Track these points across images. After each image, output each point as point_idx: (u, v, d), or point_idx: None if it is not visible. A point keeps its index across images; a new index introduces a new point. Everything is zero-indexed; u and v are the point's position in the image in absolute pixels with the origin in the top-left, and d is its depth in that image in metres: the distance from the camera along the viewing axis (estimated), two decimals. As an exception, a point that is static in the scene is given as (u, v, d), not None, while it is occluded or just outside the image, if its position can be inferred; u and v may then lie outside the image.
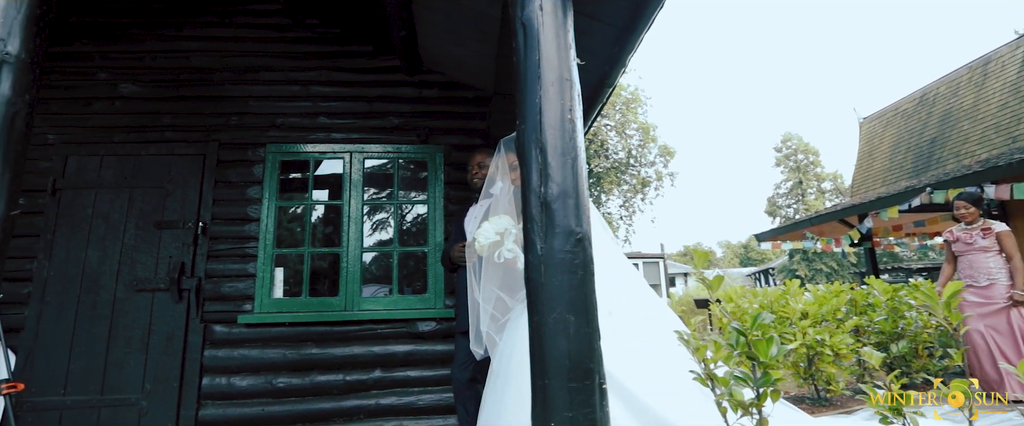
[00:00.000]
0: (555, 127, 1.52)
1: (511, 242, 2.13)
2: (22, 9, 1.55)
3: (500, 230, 2.11)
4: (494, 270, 2.17)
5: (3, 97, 1.47)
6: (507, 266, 2.16)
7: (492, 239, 2.09)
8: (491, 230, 2.10)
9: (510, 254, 2.10)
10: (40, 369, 3.10)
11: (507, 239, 2.12)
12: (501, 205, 2.23)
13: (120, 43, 3.69)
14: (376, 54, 3.83)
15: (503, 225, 2.12)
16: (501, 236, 2.11)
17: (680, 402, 1.78)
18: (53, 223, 3.33)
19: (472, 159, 2.90)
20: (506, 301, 2.17)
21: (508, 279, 2.19)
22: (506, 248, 2.11)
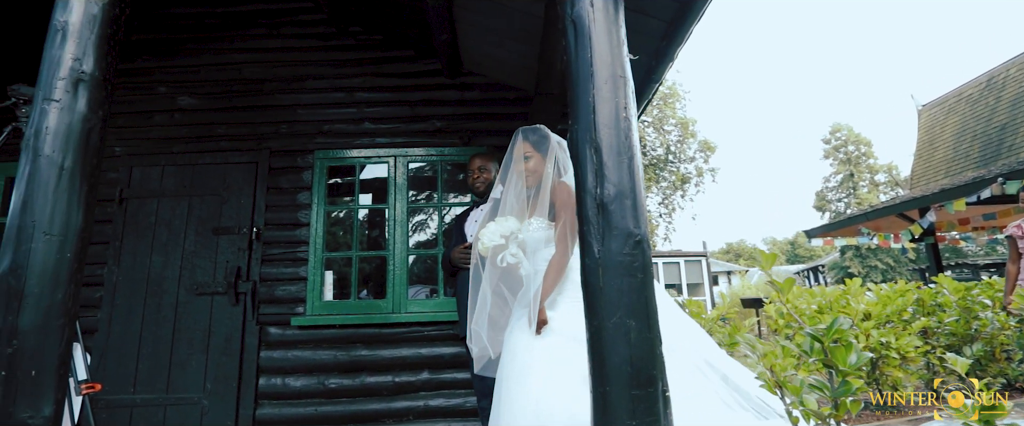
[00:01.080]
0: (610, 126, 1.48)
1: (515, 246, 2.02)
2: (95, 30, 1.63)
3: (506, 233, 2.01)
4: (495, 273, 2.07)
5: (80, 114, 1.54)
6: (508, 271, 2.06)
7: (496, 242, 1.99)
8: (496, 232, 2.00)
9: (513, 259, 2.01)
10: (112, 368, 3.28)
11: (511, 243, 2.02)
12: (507, 205, 2.12)
13: (178, 58, 3.87)
14: (417, 58, 3.87)
15: (509, 228, 2.02)
16: (506, 239, 2.01)
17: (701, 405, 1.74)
18: (121, 231, 3.52)
19: (472, 163, 2.83)
20: (508, 300, 2.09)
21: (508, 283, 2.09)
22: (509, 252, 2.01)
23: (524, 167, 2.12)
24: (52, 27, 1.59)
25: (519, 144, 2.16)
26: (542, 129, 2.21)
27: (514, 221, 2.04)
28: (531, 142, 2.16)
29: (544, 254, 2.02)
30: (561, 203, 2.03)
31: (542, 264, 2.02)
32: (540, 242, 2.02)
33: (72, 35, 1.59)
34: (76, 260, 1.51)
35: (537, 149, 2.14)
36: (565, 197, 2.04)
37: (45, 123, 1.51)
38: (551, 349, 1.82)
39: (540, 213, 2.04)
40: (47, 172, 1.48)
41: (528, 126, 2.22)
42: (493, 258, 2.01)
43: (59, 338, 1.44)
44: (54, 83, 1.54)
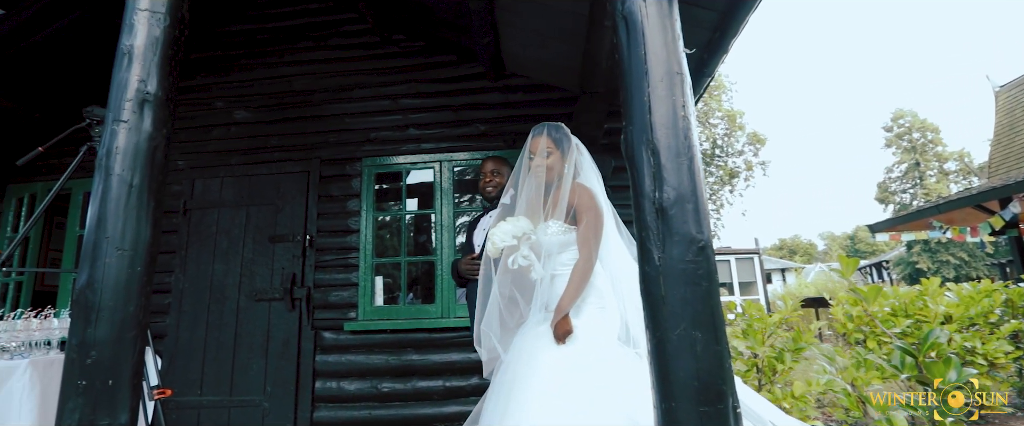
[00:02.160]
0: (667, 126, 1.40)
1: (527, 248, 1.91)
2: (157, 52, 1.69)
3: (518, 234, 1.91)
4: (506, 275, 1.98)
5: (146, 132, 1.61)
6: (520, 273, 1.97)
7: (508, 242, 1.89)
8: (508, 232, 1.90)
9: (524, 262, 1.91)
10: (180, 371, 3.46)
11: (524, 245, 1.91)
12: (521, 206, 2.02)
13: (232, 73, 4.04)
14: (460, 62, 3.87)
15: (521, 228, 1.92)
16: (518, 240, 1.91)
17: None
18: (185, 240, 3.70)
19: (484, 165, 2.69)
20: (520, 303, 2.00)
21: (520, 286, 2.00)
22: (521, 254, 1.90)
23: (544, 162, 2.01)
24: (119, 51, 1.67)
25: (542, 139, 2.04)
26: (564, 127, 2.12)
27: (526, 222, 1.95)
28: (553, 138, 2.05)
29: (562, 258, 1.94)
30: (583, 206, 1.93)
31: (559, 269, 1.94)
32: (558, 246, 1.93)
33: (137, 58, 1.66)
34: (146, 273, 1.57)
35: (558, 146, 2.04)
36: (586, 199, 1.95)
37: (115, 143, 1.58)
38: (571, 357, 1.74)
39: (558, 216, 1.94)
40: (118, 190, 1.55)
41: (549, 123, 2.10)
42: (504, 260, 1.92)
43: (132, 349, 1.50)
44: (122, 104, 1.61)
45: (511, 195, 2.07)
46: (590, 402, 1.62)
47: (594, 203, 1.95)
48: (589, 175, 2.09)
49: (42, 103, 3.89)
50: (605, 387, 1.64)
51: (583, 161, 2.11)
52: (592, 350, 1.75)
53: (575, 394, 1.64)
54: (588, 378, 1.67)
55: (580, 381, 1.67)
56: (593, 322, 1.82)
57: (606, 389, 1.64)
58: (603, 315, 1.85)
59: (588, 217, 1.91)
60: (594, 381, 1.66)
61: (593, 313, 1.84)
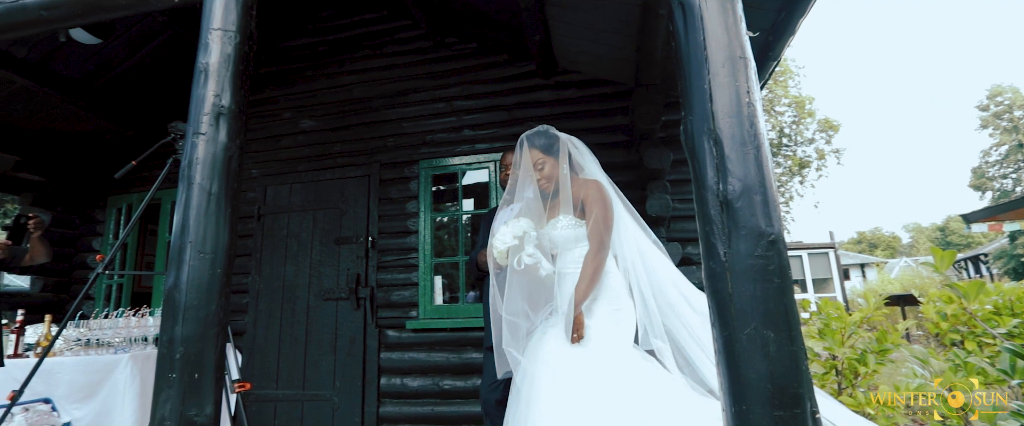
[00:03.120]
0: (730, 114, 1.33)
1: (531, 246, 1.89)
2: (230, 68, 1.81)
3: (519, 234, 1.89)
4: (516, 279, 1.94)
5: (222, 143, 1.72)
6: (529, 274, 1.92)
7: (510, 244, 1.88)
8: (509, 234, 1.88)
9: (530, 260, 1.87)
10: (257, 366, 3.69)
11: (527, 243, 1.89)
12: (531, 208, 1.99)
13: (297, 85, 4.27)
14: (512, 62, 3.88)
15: (522, 228, 1.90)
16: (520, 240, 1.89)
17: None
18: (260, 244, 3.95)
19: (505, 159, 2.68)
20: (529, 314, 1.93)
21: (532, 289, 1.95)
22: (526, 253, 1.87)
23: (539, 176, 2.00)
24: (197, 69, 1.79)
25: (526, 153, 2.01)
26: (548, 131, 2.06)
27: (526, 221, 1.92)
28: (540, 147, 2.01)
29: (575, 254, 1.90)
30: (590, 198, 1.90)
31: (570, 267, 1.90)
32: (570, 241, 1.91)
33: (212, 74, 1.78)
34: (225, 275, 1.68)
35: (548, 153, 2.01)
36: (593, 192, 1.91)
37: (195, 154, 1.71)
38: (583, 363, 1.67)
39: (564, 212, 1.93)
40: (199, 198, 1.67)
41: (532, 131, 2.05)
42: (512, 262, 1.90)
43: (214, 345, 1.61)
44: (200, 118, 1.74)
45: (531, 189, 2.02)
46: (602, 410, 1.55)
47: (602, 195, 1.91)
48: (592, 169, 2.05)
49: (134, 122, 4.28)
50: (618, 394, 1.57)
51: (580, 155, 2.06)
52: (604, 357, 1.68)
53: (587, 402, 1.57)
54: (601, 385, 1.61)
55: (592, 388, 1.60)
56: (606, 324, 1.76)
57: (619, 396, 1.57)
58: (618, 317, 1.79)
59: (597, 209, 1.88)
60: (607, 388, 1.59)
61: (606, 314, 1.78)
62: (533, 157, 1.99)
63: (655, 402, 1.54)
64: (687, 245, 3.29)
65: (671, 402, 1.56)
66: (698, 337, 1.77)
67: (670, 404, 1.55)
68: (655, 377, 1.63)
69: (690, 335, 1.78)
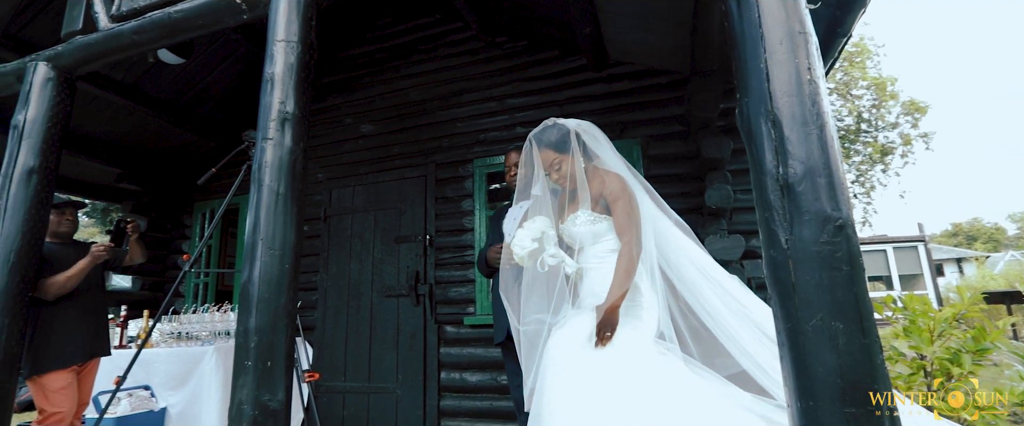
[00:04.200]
0: (789, 93, 1.25)
1: (552, 246, 1.79)
2: (293, 76, 1.93)
3: (537, 235, 1.79)
4: (539, 282, 1.82)
5: (287, 147, 1.84)
6: (552, 275, 1.81)
7: (530, 247, 1.78)
8: (527, 237, 1.78)
9: (553, 260, 1.77)
10: (326, 359, 3.90)
11: (547, 243, 1.79)
12: (541, 205, 1.89)
13: (357, 92, 4.47)
14: (562, 57, 3.86)
15: (540, 228, 1.80)
16: (539, 241, 1.79)
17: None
18: (327, 243, 4.17)
19: (508, 159, 2.57)
20: (548, 320, 1.81)
21: (555, 290, 1.82)
22: (548, 254, 1.77)
23: (556, 176, 1.89)
24: (264, 79, 1.92)
25: (537, 154, 1.89)
26: (556, 124, 1.93)
27: (543, 219, 1.83)
28: (551, 146, 1.88)
29: (595, 250, 1.80)
30: (613, 193, 1.78)
31: (594, 260, 1.80)
32: (590, 236, 1.80)
33: (277, 83, 1.90)
34: (293, 270, 1.79)
35: (561, 151, 1.88)
36: (614, 185, 1.78)
37: (264, 158, 1.83)
38: (604, 361, 1.58)
39: (583, 207, 1.81)
40: (268, 198, 1.79)
41: (539, 128, 1.94)
42: (533, 266, 1.80)
43: (285, 335, 1.72)
44: (268, 124, 1.86)
45: (539, 185, 1.92)
46: (621, 411, 1.47)
47: (623, 187, 1.79)
48: (608, 155, 1.91)
49: (215, 133, 4.64)
50: (638, 398, 1.48)
51: (594, 141, 1.92)
52: (623, 358, 1.58)
53: (605, 401, 1.50)
54: (620, 387, 1.52)
55: (611, 391, 1.52)
56: (630, 326, 1.66)
57: (640, 401, 1.48)
58: (638, 313, 1.70)
59: (621, 204, 1.76)
60: (627, 391, 1.51)
61: (626, 310, 1.68)
62: (546, 158, 1.89)
63: (676, 406, 1.46)
64: (751, 238, 3.13)
65: (694, 406, 1.47)
66: (723, 325, 1.68)
67: (693, 408, 1.47)
68: (677, 376, 1.54)
69: (716, 323, 1.69)
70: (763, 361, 1.60)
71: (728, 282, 1.75)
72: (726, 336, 1.67)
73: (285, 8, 1.98)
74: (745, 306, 1.70)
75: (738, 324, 1.67)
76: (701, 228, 3.06)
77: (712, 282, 1.75)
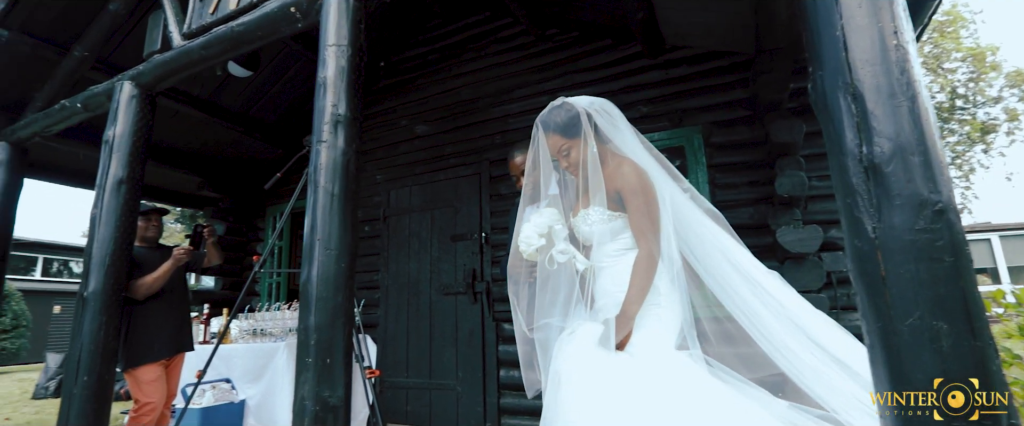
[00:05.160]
0: (872, 61, 1.11)
1: (561, 241, 1.63)
2: (344, 79, 1.97)
3: (544, 230, 1.62)
4: (551, 282, 1.64)
5: (340, 148, 1.88)
6: (564, 274, 1.63)
7: (537, 244, 1.62)
8: (534, 232, 1.62)
9: (563, 257, 1.60)
10: (389, 356, 4.00)
11: (556, 239, 1.63)
12: (556, 203, 1.71)
13: (411, 94, 4.55)
14: (615, 46, 3.73)
15: (546, 223, 1.63)
16: (546, 237, 1.63)
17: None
18: (386, 243, 4.28)
19: (512, 162, 2.34)
20: (560, 325, 1.64)
21: (566, 291, 1.64)
22: (557, 250, 1.61)
23: (565, 163, 1.70)
24: (317, 83, 1.97)
25: (544, 139, 1.69)
26: (565, 104, 1.72)
27: (551, 212, 1.65)
28: (558, 130, 1.68)
29: (608, 249, 1.63)
30: (627, 188, 1.57)
31: (607, 258, 1.63)
32: (604, 235, 1.62)
33: (330, 86, 1.94)
34: (348, 269, 1.82)
35: (568, 134, 1.67)
36: (629, 178, 1.57)
37: (319, 160, 1.88)
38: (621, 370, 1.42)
39: (596, 202, 1.62)
40: (323, 199, 1.83)
41: (546, 109, 1.74)
42: (542, 263, 1.64)
43: (342, 333, 1.75)
44: (322, 127, 1.91)
45: (535, 208, 1.74)
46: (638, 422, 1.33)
47: (640, 180, 1.57)
48: (626, 138, 1.68)
49: (282, 141, 4.89)
50: (656, 403, 1.34)
51: (610, 123, 1.69)
52: (644, 361, 1.43)
53: (620, 412, 1.35)
54: (637, 394, 1.37)
55: (627, 398, 1.37)
56: (648, 329, 1.50)
57: (657, 406, 1.34)
58: (658, 314, 1.52)
59: (636, 200, 1.55)
60: (644, 397, 1.36)
61: (645, 314, 1.51)
62: (554, 143, 1.69)
63: (697, 416, 1.31)
64: (830, 228, 2.87)
65: (717, 416, 1.32)
66: (760, 325, 1.50)
67: (716, 418, 1.32)
68: (699, 384, 1.39)
69: (752, 323, 1.52)
70: (805, 365, 1.43)
71: (766, 279, 1.56)
72: (763, 337, 1.50)
73: (335, 14, 2.02)
74: (785, 305, 1.52)
75: (778, 325, 1.49)
76: (773, 219, 2.85)
77: (748, 279, 1.56)
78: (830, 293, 2.83)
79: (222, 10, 2.48)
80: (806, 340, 1.46)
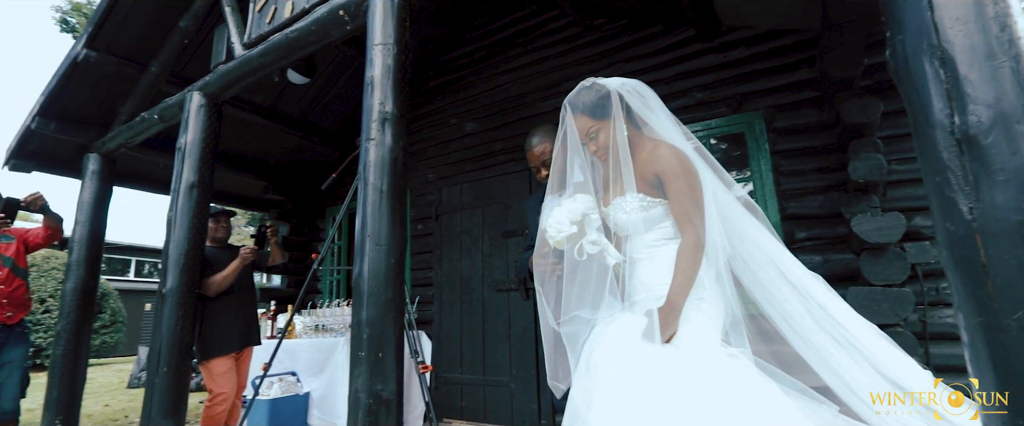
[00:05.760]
0: (964, 18, 0.97)
1: (594, 231, 1.49)
2: (390, 77, 1.99)
3: (577, 217, 1.49)
4: (580, 273, 1.50)
5: (387, 146, 1.90)
6: (593, 265, 1.50)
7: (568, 231, 1.49)
8: (565, 219, 1.49)
9: (594, 248, 1.47)
10: (444, 352, 4.05)
11: (588, 228, 1.50)
12: (584, 191, 1.57)
13: (460, 92, 4.58)
14: (667, 32, 3.57)
15: (580, 209, 1.50)
16: (578, 225, 1.50)
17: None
18: (439, 240, 4.33)
19: (531, 151, 2.21)
20: (589, 319, 1.50)
21: (595, 284, 1.50)
22: (588, 240, 1.48)
23: (593, 147, 1.56)
24: (365, 82, 2.01)
25: (572, 120, 1.57)
26: (595, 84, 1.57)
27: (585, 198, 1.52)
28: (586, 110, 1.54)
29: (646, 239, 1.49)
30: (668, 170, 1.43)
31: (644, 249, 1.49)
32: (639, 224, 1.49)
33: (377, 85, 1.97)
34: (398, 265, 1.84)
35: (596, 115, 1.53)
36: (668, 160, 1.43)
37: (368, 158, 1.91)
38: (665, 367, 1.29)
39: (630, 189, 1.48)
40: (372, 196, 1.86)
41: (574, 90, 1.60)
42: (570, 253, 1.51)
43: (393, 328, 1.77)
44: (370, 125, 1.94)
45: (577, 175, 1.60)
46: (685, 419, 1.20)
47: (681, 162, 1.43)
48: (661, 122, 1.53)
49: (339, 143, 5.07)
50: (705, 400, 1.21)
51: (644, 105, 1.54)
52: (691, 355, 1.30)
53: (666, 407, 1.22)
54: (685, 389, 1.25)
55: (673, 392, 1.25)
56: (694, 323, 1.36)
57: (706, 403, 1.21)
58: (702, 308, 1.39)
59: (678, 183, 1.41)
60: (692, 393, 1.24)
61: (692, 309, 1.38)
62: (582, 125, 1.55)
63: (748, 416, 1.19)
64: (914, 216, 2.61)
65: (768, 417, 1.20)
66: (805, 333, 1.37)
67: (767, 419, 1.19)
68: (750, 383, 1.26)
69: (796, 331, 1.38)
70: (855, 382, 1.30)
71: (812, 284, 1.41)
72: (806, 346, 1.36)
73: (381, 13, 2.04)
74: (833, 315, 1.38)
75: (823, 335, 1.36)
76: (847, 207, 2.62)
77: (792, 283, 1.42)
78: (915, 287, 2.57)
79: (278, 19, 2.59)
80: (853, 350, 1.33)
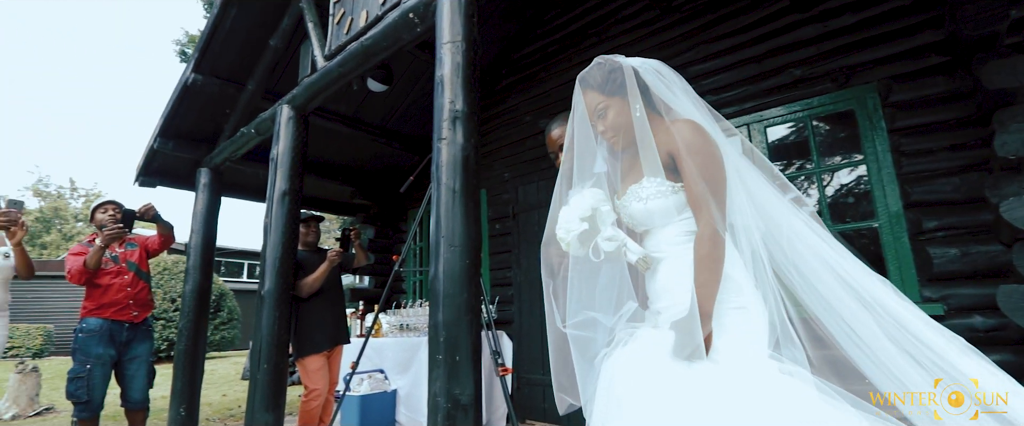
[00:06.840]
0: None
1: (608, 226, 1.31)
2: (460, 75, 1.96)
3: (586, 213, 1.31)
4: (589, 274, 1.34)
5: (459, 144, 1.87)
6: (611, 264, 1.32)
7: (579, 229, 1.31)
8: (574, 216, 1.32)
9: (610, 245, 1.29)
10: (525, 353, 4.00)
11: (602, 223, 1.32)
12: (602, 184, 1.37)
13: (532, 89, 4.51)
14: (756, 5, 3.26)
15: (589, 205, 1.31)
16: (589, 221, 1.31)
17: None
18: (517, 239, 4.30)
19: (550, 135, 2.03)
20: (603, 322, 1.31)
21: (611, 285, 1.32)
22: (603, 237, 1.30)
23: (602, 126, 1.41)
24: (435, 81, 1.99)
25: (582, 97, 1.43)
26: (609, 60, 1.42)
27: (594, 193, 1.33)
28: (596, 86, 1.40)
29: (669, 233, 1.29)
30: (684, 148, 1.23)
31: (666, 246, 1.28)
32: (660, 215, 1.30)
33: (447, 83, 1.95)
34: (473, 266, 1.80)
35: (606, 91, 1.39)
36: (689, 137, 1.24)
37: (440, 158, 1.89)
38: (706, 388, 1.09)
39: (648, 172, 1.29)
40: (445, 196, 1.84)
41: (584, 70, 1.43)
42: (584, 252, 1.33)
43: (469, 330, 1.73)
44: (441, 124, 1.92)
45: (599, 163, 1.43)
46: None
47: (699, 137, 1.24)
48: (684, 104, 1.33)
49: (418, 148, 5.22)
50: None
51: (664, 85, 1.35)
52: (734, 372, 1.09)
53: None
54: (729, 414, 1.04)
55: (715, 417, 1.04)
56: (731, 332, 1.15)
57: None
58: (744, 318, 1.16)
59: (694, 161, 1.22)
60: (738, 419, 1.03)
61: (727, 317, 1.16)
62: (590, 102, 1.42)
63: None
64: (1085, 197, 2.14)
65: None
66: (870, 346, 1.12)
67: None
68: (811, 408, 1.04)
69: (858, 345, 1.13)
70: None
71: (878, 290, 1.15)
72: (873, 362, 1.12)
73: (448, 11, 2.02)
74: (907, 327, 1.11)
75: (895, 349, 1.10)
76: (992, 189, 2.21)
77: (850, 287, 1.16)
78: (1090, 284, 2.11)
79: (354, 29, 2.67)
80: (937, 368, 1.08)
